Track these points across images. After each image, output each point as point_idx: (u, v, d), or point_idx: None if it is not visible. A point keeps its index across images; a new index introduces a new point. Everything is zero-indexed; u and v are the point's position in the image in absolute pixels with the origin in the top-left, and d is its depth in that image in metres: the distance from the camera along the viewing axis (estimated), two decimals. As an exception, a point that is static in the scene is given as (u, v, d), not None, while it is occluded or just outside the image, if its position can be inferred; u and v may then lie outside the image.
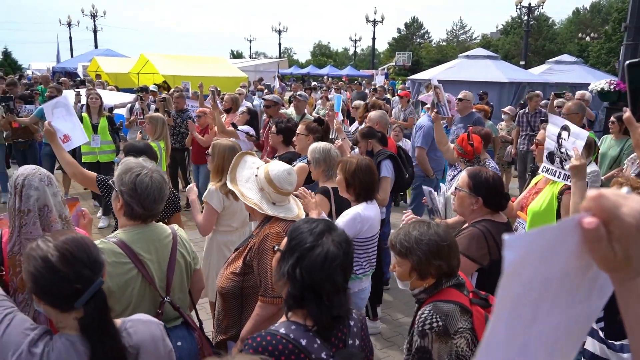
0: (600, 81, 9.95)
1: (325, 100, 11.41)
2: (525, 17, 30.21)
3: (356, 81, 21.57)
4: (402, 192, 8.06)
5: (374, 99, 7.91)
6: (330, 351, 1.68)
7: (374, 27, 44.10)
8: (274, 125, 5.10)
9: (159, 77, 17.46)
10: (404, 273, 2.09)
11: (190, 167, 8.23)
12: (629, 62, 2.27)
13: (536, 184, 3.65)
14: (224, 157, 3.63)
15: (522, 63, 25.70)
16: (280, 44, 54.38)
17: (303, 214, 2.86)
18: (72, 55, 35.66)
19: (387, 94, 14.96)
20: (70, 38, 40.44)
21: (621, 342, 2.44)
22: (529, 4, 29.03)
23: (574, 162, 2.90)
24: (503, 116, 9.77)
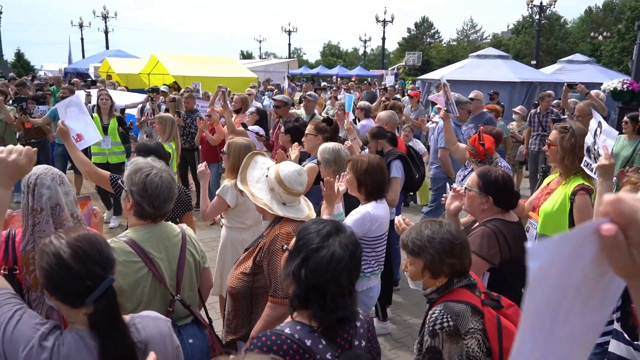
0: (613, 81, 9.85)
1: (334, 100, 11.40)
2: (537, 16, 29.95)
3: (366, 81, 21.52)
4: (412, 192, 8.03)
5: (394, 101, 7.85)
6: (336, 352, 1.67)
7: (384, 27, 44.01)
8: (282, 125, 5.12)
9: (170, 78, 17.56)
10: (417, 272, 2.08)
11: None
12: None
13: (548, 184, 3.60)
14: (240, 156, 3.65)
15: (534, 63, 25.51)
16: (290, 44, 54.52)
17: (313, 215, 2.85)
18: (83, 56, 36.01)
19: (398, 93, 14.92)
20: (82, 39, 40.84)
21: None
22: (541, 3, 28.79)
23: (603, 161, 2.84)
24: (514, 116, 9.69)
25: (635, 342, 2.44)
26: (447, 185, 4.09)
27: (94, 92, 9.92)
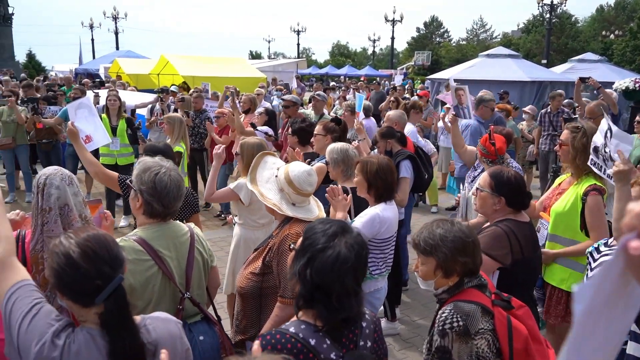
0: (624, 80, 9.75)
1: (342, 100, 11.38)
2: (548, 15, 29.72)
3: (375, 81, 21.47)
4: (422, 192, 7.98)
5: (414, 99, 7.78)
6: (340, 352, 1.67)
7: (393, 27, 43.97)
8: (291, 125, 5.12)
9: (179, 78, 17.63)
10: (429, 272, 2.06)
11: (209, 167, 8.29)
12: None
13: (560, 184, 3.57)
14: (253, 155, 3.66)
15: (544, 62, 25.32)
16: (298, 44, 54.67)
17: (323, 215, 2.84)
18: (94, 57, 36.29)
19: (407, 93, 14.88)
20: (92, 40, 41.21)
21: None
22: (551, 2, 28.58)
23: (620, 166, 2.74)
24: (524, 116, 9.62)
25: None
26: (462, 185, 4.07)
27: (102, 92, 9.97)
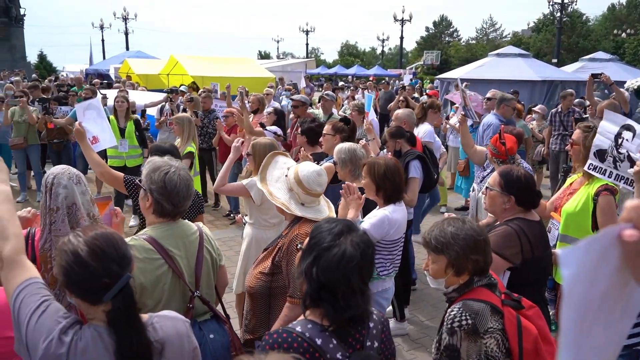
0: (637, 79, 9.64)
1: (351, 100, 11.37)
2: (558, 14, 29.50)
3: (384, 80, 21.42)
4: (429, 192, 7.92)
5: (432, 99, 7.71)
6: (347, 352, 1.67)
7: (402, 26, 43.85)
8: (300, 125, 5.12)
9: (188, 78, 17.71)
10: (440, 270, 2.05)
11: (217, 167, 8.31)
12: None
13: (571, 184, 3.54)
14: (265, 155, 3.67)
15: (555, 61, 25.13)
16: (307, 44, 54.71)
17: (334, 216, 2.84)
18: (104, 57, 36.53)
19: (416, 92, 14.82)
20: (103, 41, 41.51)
21: None
22: (562, 0, 28.35)
23: None
24: (534, 115, 9.55)
25: None
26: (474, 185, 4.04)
27: (110, 94, 10.02)
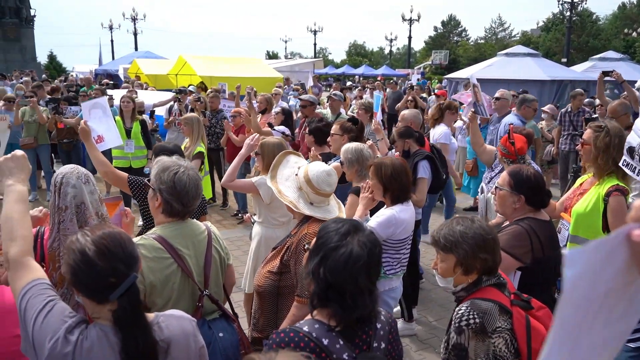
0: (648, 78, 9.53)
1: (359, 100, 11.36)
2: (568, 13, 29.29)
3: (392, 80, 21.37)
4: (438, 193, 7.90)
5: (449, 100, 7.66)
6: (353, 352, 1.66)
7: (410, 26, 43.75)
8: (307, 125, 5.12)
9: (197, 78, 17.77)
10: (448, 269, 2.05)
11: (225, 167, 8.34)
12: None
13: (581, 184, 3.50)
14: (274, 154, 3.67)
15: (564, 60, 24.96)
16: (315, 44, 54.81)
17: (344, 216, 2.83)
18: (113, 58, 36.75)
19: (424, 92, 14.78)
20: (112, 41, 41.81)
21: None
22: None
23: None
24: (543, 115, 9.48)
25: None
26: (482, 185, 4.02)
27: (117, 94, 10.04)
